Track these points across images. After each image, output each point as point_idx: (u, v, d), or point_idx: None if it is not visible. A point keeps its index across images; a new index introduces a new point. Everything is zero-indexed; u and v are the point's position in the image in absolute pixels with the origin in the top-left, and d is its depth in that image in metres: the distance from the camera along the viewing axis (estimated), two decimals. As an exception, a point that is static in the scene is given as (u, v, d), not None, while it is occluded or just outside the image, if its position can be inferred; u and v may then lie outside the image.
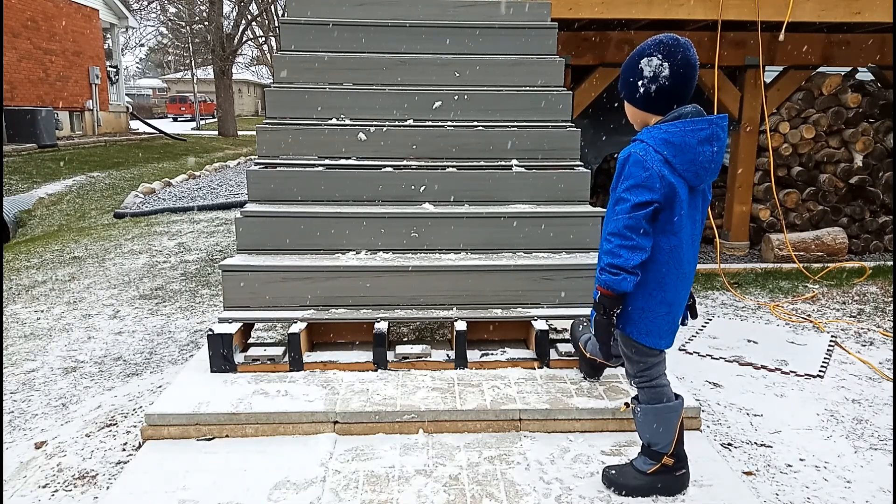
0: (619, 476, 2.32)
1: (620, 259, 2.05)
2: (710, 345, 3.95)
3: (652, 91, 2.08)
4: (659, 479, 2.28)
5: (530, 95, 3.94)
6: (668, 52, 2.05)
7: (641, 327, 2.19)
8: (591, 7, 5.03)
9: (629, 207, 2.04)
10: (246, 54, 35.79)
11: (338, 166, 3.65)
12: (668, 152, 2.05)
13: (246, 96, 49.44)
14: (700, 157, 2.05)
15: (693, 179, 2.08)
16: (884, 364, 3.68)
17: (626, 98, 2.20)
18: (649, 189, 2.03)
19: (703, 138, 2.05)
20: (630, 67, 2.13)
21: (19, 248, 7.27)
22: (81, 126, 18.48)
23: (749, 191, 6.19)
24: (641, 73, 2.08)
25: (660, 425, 2.24)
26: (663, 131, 2.07)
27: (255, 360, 3.09)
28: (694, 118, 2.08)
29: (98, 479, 2.52)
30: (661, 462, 2.26)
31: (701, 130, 2.05)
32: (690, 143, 2.04)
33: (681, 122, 2.07)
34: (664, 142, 2.05)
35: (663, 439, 2.25)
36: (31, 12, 16.09)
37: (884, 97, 6.15)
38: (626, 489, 2.29)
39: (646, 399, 2.27)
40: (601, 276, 2.10)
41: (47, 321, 4.46)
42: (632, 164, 2.07)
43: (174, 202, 9.68)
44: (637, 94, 2.12)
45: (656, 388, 2.26)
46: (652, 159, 2.04)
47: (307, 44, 4.13)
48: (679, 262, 2.15)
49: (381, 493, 2.30)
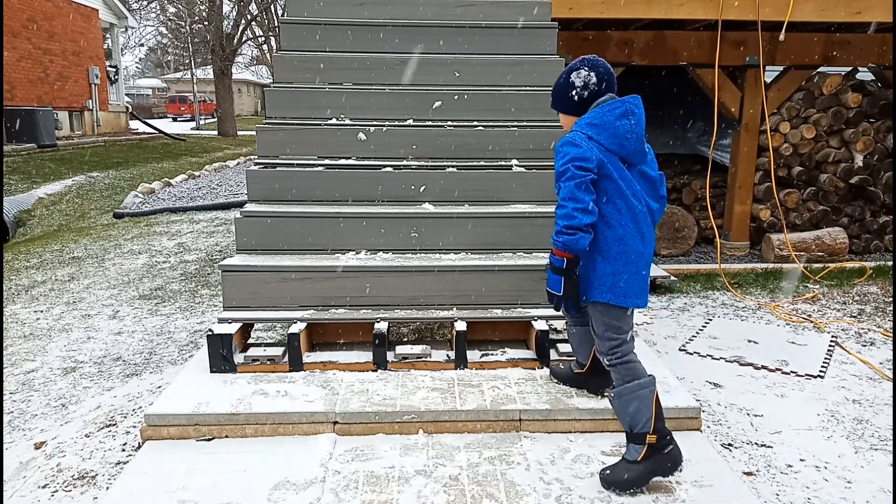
0: (614, 474, 2.37)
1: (575, 220, 2.27)
2: (710, 345, 3.94)
3: (584, 96, 2.43)
4: (650, 463, 2.33)
5: (530, 95, 3.94)
6: (592, 64, 2.46)
7: (617, 290, 2.36)
8: (591, 7, 5.03)
9: (573, 172, 2.29)
10: (246, 54, 35.76)
11: (338, 166, 3.65)
12: (593, 132, 2.36)
13: (246, 96, 49.42)
14: (619, 129, 2.37)
15: (619, 150, 2.37)
16: (884, 364, 3.67)
17: (562, 111, 2.52)
18: (584, 159, 2.31)
19: (619, 114, 2.38)
20: (562, 87, 2.48)
21: (19, 248, 7.27)
22: (81, 126, 18.47)
23: (749, 191, 6.18)
24: (573, 85, 2.44)
25: (637, 404, 2.34)
26: (586, 118, 2.41)
27: (255, 360, 3.09)
28: (610, 101, 2.42)
29: (97, 479, 2.52)
30: (646, 443, 2.32)
31: (616, 109, 2.38)
32: (609, 120, 2.37)
33: (598, 108, 2.41)
34: (588, 125, 2.38)
35: (642, 417, 2.33)
36: (30, 12, 16.07)
37: (884, 97, 6.15)
38: (623, 484, 2.34)
39: (619, 378, 2.39)
40: (560, 239, 2.30)
41: (47, 321, 4.46)
42: (563, 145, 2.37)
43: (174, 202, 9.67)
44: (571, 103, 2.46)
45: (628, 365, 2.39)
46: (580, 139, 2.35)
47: (307, 44, 4.12)
48: (636, 222, 2.38)
49: (381, 493, 2.29)
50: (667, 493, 2.30)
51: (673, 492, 2.31)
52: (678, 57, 5.72)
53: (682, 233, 6.11)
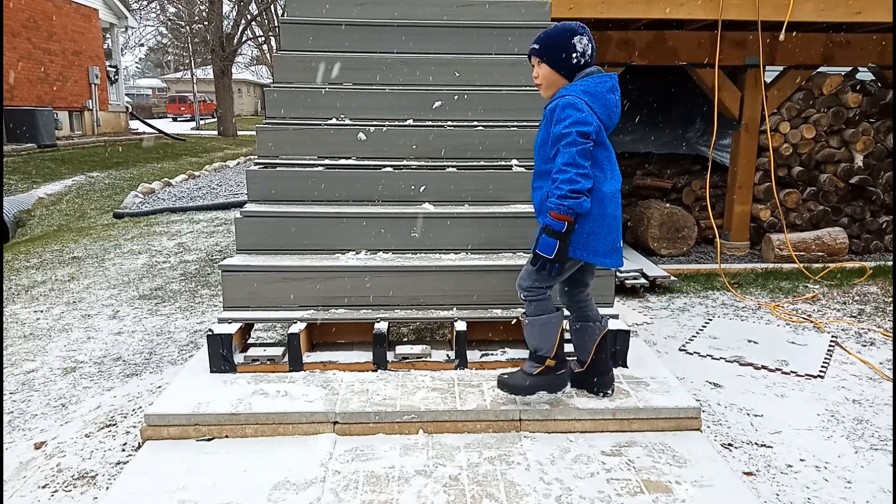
0: (511, 379, 2.71)
1: (579, 184, 2.40)
2: (710, 345, 3.94)
3: (581, 63, 2.57)
4: (544, 378, 2.68)
5: (530, 95, 3.94)
6: (589, 34, 2.60)
7: (589, 249, 2.55)
8: (591, 7, 5.02)
9: (576, 138, 2.41)
10: (246, 54, 35.76)
11: (338, 166, 3.65)
12: (588, 99, 2.50)
13: (246, 96, 49.42)
14: (610, 102, 2.56)
15: (607, 121, 2.55)
16: (884, 364, 3.67)
17: (552, 65, 2.60)
18: (587, 123, 2.44)
19: (609, 88, 2.56)
20: (563, 44, 2.57)
21: (19, 248, 7.27)
22: (81, 126, 18.46)
23: (749, 191, 6.18)
24: (574, 48, 2.56)
25: (543, 333, 2.64)
26: (581, 86, 2.54)
27: (255, 360, 3.09)
28: (600, 74, 2.59)
29: (97, 479, 2.52)
30: (544, 364, 2.66)
31: (606, 82, 2.56)
32: (602, 91, 2.54)
33: (591, 77, 2.56)
34: (584, 92, 2.52)
35: (546, 344, 2.65)
36: (30, 12, 16.07)
37: (884, 97, 6.15)
38: (514, 388, 2.69)
39: (533, 311, 2.65)
40: (566, 203, 2.40)
41: (47, 321, 4.46)
42: (565, 108, 2.47)
43: (174, 202, 9.67)
44: (569, 65, 2.57)
45: (542, 301, 2.64)
46: (581, 103, 2.47)
47: (307, 44, 4.12)
48: (612, 187, 2.57)
49: (381, 493, 2.29)
50: (666, 493, 2.30)
51: (673, 492, 2.31)
52: (678, 57, 5.72)
53: (682, 233, 6.11)
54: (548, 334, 2.65)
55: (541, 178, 2.66)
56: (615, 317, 3.26)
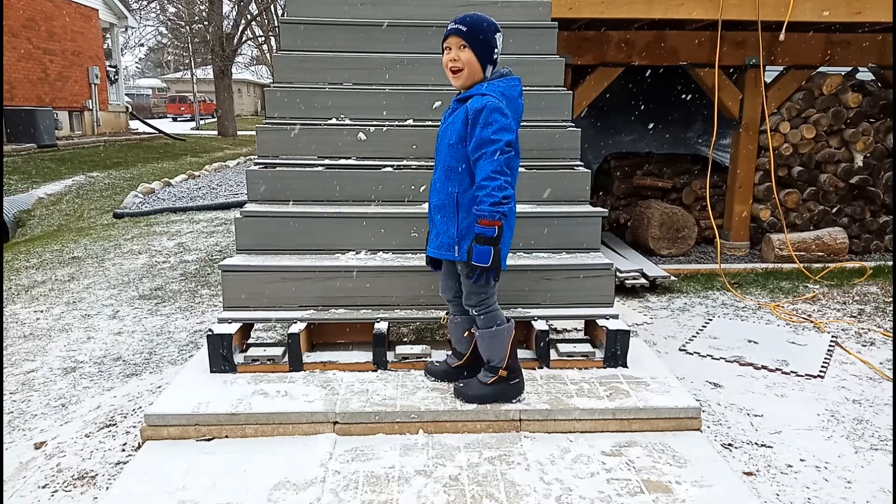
0: (466, 388, 2.78)
1: (508, 191, 2.46)
2: (710, 345, 3.94)
3: (495, 59, 2.59)
4: (498, 388, 2.73)
5: (530, 95, 3.91)
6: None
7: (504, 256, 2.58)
8: (591, 7, 5.02)
9: (503, 147, 2.44)
10: (246, 54, 35.80)
11: (338, 166, 3.65)
12: (505, 103, 2.51)
13: (246, 96, 49.41)
14: (519, 106, 2.61)
15: (516, 125, 2.57)
16: (884, 364, 3.67)
17: (478, 56, 2.57)
18: (510, 131, 2.47)
19: (519, 92, 2.61)
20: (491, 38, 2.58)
21: (19, 248, 7.27)
22: (81, 126, 18.46)
23: (749, 191, 6.18)
24: (497, 44, 2.58)
25: (495, 345, 2.70)
26: (498, 86, 2.54)
27: (255, 360, 3.09)
28: (513, 77, 2.62)
29: (97, 479, 2.52)
30: (497, 374, 2.71)
31: (517, 86, 2.61)
32: (514, 95, 2.58)
33: (507, 79, 2.59)
34: (502, 94, 2.52)
35: (498, 355, 2.70)
36: (30, 12, 16.07)
37: (884, 97, 6.15)
38: (470, 398, 2.74)
39: (483, 324, 2.70)
40: (500, 209, 2.44)
41: (47, 321, 4.46)
42: (493, 111, 2.46)
43: (174, 202, 9.67)
44: (490, 56, 2.58)
45: (492, 313, 2.69)
46: (504, 108, 2.48)
47: (307, 44, 4.12)
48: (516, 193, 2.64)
49: (381, 493, 2.29)
50: (666, 493, 2.30)
51: (673, 492, 2.31)
52: (678, 57, 5.72)
53: (682, 233, 6.11)
54: (498, 345, 2.70)
55: (450, 177, 2.60)
56: (615, 317, 3.26)
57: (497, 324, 2.69)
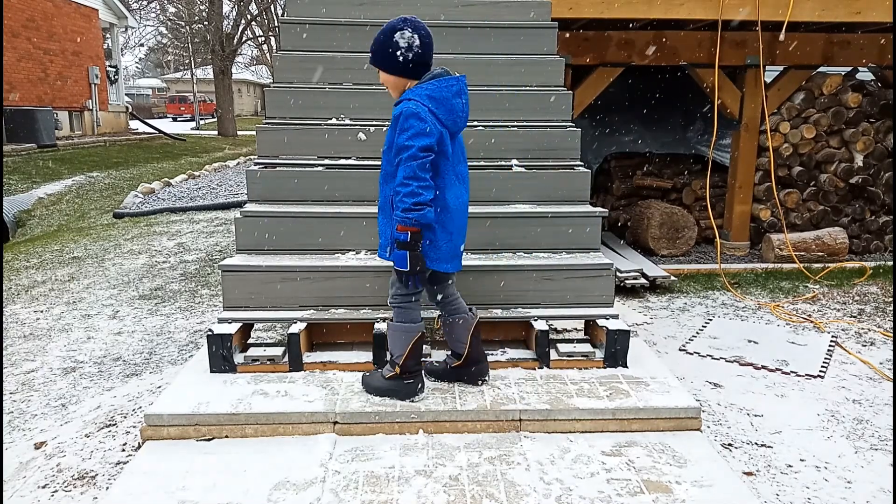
0: (370, 378, 2.85)
1: (421, 196, 2.46)
2: (710, 345, 3.94)
3: (409, 58, 2.53)
4: (394, 384, 2.77)
5: (530, 95, 3.94)
6: (414, 26, 2.53)
7: (431, 255, 2.62)
8: (591, 7, 5.02)
9: (416, 151, 2.45)
10: (246, 54, 35.79)
11: (338, 166, 3.65)
12: (433, 105, 2.50)
13: (246, 96, 49.41)
14: (455, 107, 2.56)
15: (452, 126, 2.57)
16: (884, 364, 3.67)
17: (385, 69, 2.60)
18: (427, 135, 2.46)
19: (455, 92, 2.56)
20: (385, 45, 2.54)
21: (19, 248, 7.27)
22: (81, 126, 18.46)
23: (749, 191, 6.18)
24: (398, 45, 2.51)
25: (398, 340, 2.74)
26: (426, 89, 2.53)
27: (255, 360, 3.09)
28: (446, 77, 2.58)
29: (97, 479, 2.52)
30: (395, 370, 2.75)
31: (453, 86, 2.56)
32: (447, 96, 2.54)
33: (437, 81, 2.55)
34: (428, 97, 2.51)
35: (399, 350, 2.74)
36: (30, 12, 16.06)
37: (884, 97, 6.14)
38: (371, 389, 2.80)
39: (395, 318, 2.76)
40: (409, 216, 2.46)
41: (47, 321, 4.46)
42: (409, 117, 2.47)
43: (174, 202, 9.67)
44: (396, 64, 2.55)
45: (405, 311, 2.73)
46: (424, 112, 2.47)
47: (307, 43, 4.12)
48: (455, 195, 2.63)
49: (381, 493, 2.29)
50: (666, 493, 2.30)
51: (673, 492, 2.31)
52: (678, 57, 5.72)
53: (682, 233, 6.11)
54: (401, 342, 2.73)
55: (386, 181, 2.68)
56: (615, 317, 3.26)
57: (407, 321, 2.73)
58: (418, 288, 2.70)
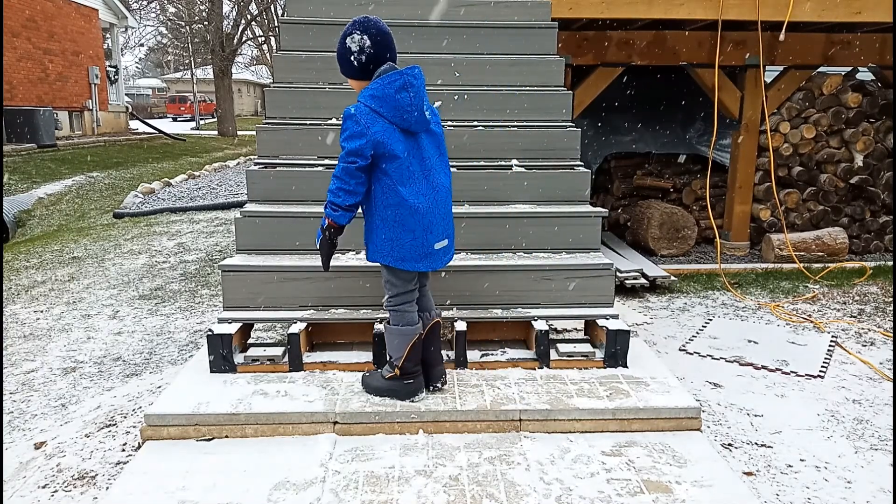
0: (370, 378, 2.88)
1: (339, 199, 2.54)
2: (710, 345, 3.94)
3: (363, 60, 2.56)
4: (394, 384, 2.79)
5: (530, 95, 3.94)
6: (363, 27, 2.55)
7: (395, 254, 2.64)
8: (591, 7, 5.02)
9: (344, 155, 2.51)
10: (246, 54, 35.77)
11: (338, 166, 3.64)
12: (376, 104, 2.52)
13: (246, 96, 49.40)
14: (400, 102, 2.53)
15: (401, 122, 2.54)
16: (884, 364, 3.67)
17: (347, 75, 2.65)
18: (359, 137, 2.48)
19: (398, 87, 2.53)
20: (340, 49, 2.59)
21: (19, 248, 7.27)
22: (81, 126, 18.45)
23: (749, 191, 6.18)
24: (351, 50, 2.55)
25: (396, 342, 2.75)
26: (370, 89, 2.55)
27: (255, 360, 3.09)
28: (389, 73, 2.55)
29: (97, 479, 2.52)
30: (395, 371, 2.77)
31: (395, 82, 2.53)
32: (390, 93, 2.52)
33: (380, 79, 2.55)
34: (371, 97, 2.53)
35: (397, 353, 2.75)
36: (30, 12, 16.06)
37: (884, 97, 6.14)
38: (370, 389, 2.83)
39: (391, 321, 2.78)
40: (326, 210, 2.58)
41: (47, 321, 4.46)
42: (346, 119, 2.53)
43: (174, 202, 9.67)
44: (353, 68, 2.59)
45: (400, 313, 2.74)
46: (361, 113, 2.50)
47: (307, 43, 4.12)
48: (416, 193, 2.59)
49: (381, 493, 2.29)
50: (666, 493, 2.30)
51: (673, 492, 2.31)
52: (678, 57, 5.72)
53: (682, 233, 6.11)
54: (399, 344, 2.75)
55: None
56: (615, 317, 3.26)
57: (403, 324, 2.74)
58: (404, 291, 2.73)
